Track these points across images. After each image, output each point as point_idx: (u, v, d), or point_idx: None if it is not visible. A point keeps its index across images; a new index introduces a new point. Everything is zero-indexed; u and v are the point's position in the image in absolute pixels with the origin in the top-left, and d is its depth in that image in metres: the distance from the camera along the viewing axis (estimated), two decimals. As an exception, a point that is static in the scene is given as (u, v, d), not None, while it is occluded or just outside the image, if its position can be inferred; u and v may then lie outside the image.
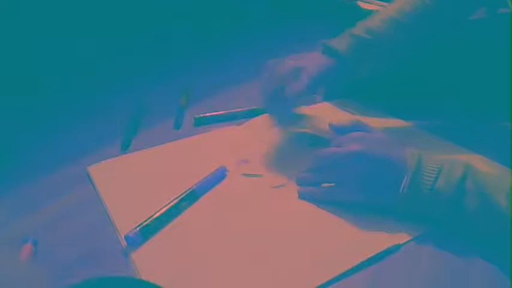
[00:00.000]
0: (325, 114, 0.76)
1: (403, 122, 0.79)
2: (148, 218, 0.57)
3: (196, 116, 0.82)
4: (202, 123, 0.81)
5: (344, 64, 0.72)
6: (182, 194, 0.61)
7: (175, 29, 1.14)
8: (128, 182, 0.66)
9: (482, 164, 0.58)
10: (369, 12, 1.05)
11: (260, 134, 0.76)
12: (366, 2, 1.06)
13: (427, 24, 0.73)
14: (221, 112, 0.83)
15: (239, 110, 0.84)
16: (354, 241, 0.55)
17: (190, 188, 0.62)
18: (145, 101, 0.87)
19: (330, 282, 0.51)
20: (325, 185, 0.61)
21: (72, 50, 0.96)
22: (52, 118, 0.82)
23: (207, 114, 0.83)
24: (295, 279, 0.51)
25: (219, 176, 0.66)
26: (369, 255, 0.53)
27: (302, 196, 0.62)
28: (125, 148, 0.74)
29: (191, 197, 0.62)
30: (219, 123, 0.81)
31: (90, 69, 0.97)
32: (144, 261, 0.53)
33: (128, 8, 1.07)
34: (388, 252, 0.54)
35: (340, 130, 0.63)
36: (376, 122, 0.73)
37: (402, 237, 0.56)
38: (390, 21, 0.73)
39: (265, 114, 0.79)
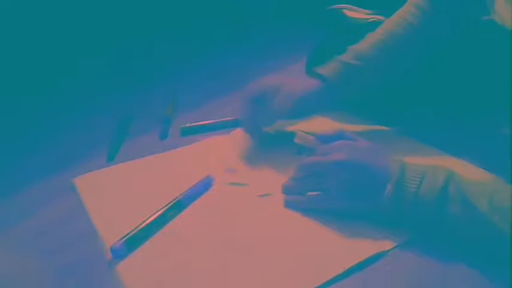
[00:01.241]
0: (309, 123, 0.77)
1: (386, 128, 0.79)
2: (134, 229, 0.57)
3: (183, 126, 0.82)
4: (188, 133, 0.82)
5: (330, 90, 0.72)
6: (168, 204, 0.61)
7: (161, 40, 1.15)
8: (114, 193, 0.66)
9: (465, 170, 0.58)
10: (354, 21, 1.06)
11: (246, 144, 0.76)
12: (351, 10, 1.08)
13: (415, 45, 0.73)
14: (207, 122, 0.84)
15: (226, 119, 0.84)
16: (339, 248, 0.56)
17: (176, 198, 0.62)
18: (131, 111, 0.87)
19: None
20: (311, 193, 0.62)
21: (57, 59, 0.95)
22: (37, 128, 0.82)
23: (194, 124, 0.83)
24: (282, 287, 0.51)
25: (205, 185, 0.66)
26: (354, 262, 0.53)
27: (288, 204, 0.63)
28: (111, 159, 0.73)
29: (177, 206, 0.62)
30: (206, 133, 0.81)
31: (75, 79, 0.97)
32: (129, 272, 0.52)
33: (112, 17, 1.07)
34: (372, 259, 0.54)
35: (324, 139, 0.64)
36: (360, 130, 0.74)
37: (387, 244, 0.56)
38: (379, 44, 0.73)
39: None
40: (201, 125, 0.83)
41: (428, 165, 0.57)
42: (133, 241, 0.56)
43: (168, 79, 1.00)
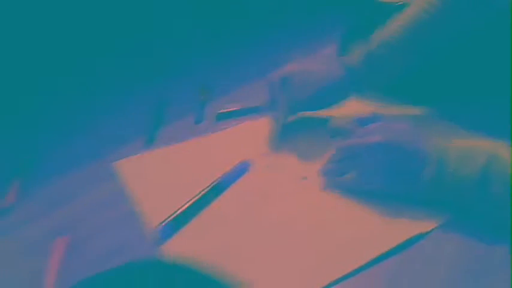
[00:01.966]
0: (343, 107, 0.76)
1: (424, 111, 0.78)
2: (176, 211, 0.58)
3: (218, 111, 0.83)
4: (223, 118, 0.82)
5: (356, 78, 0.71)
6: (207, 187, 0.63)
7: (194, 26, 1.15)
8: (154, 177, 0.67)
9: (505, 151, 0.58)
10: (383, 3, 1.04)
11: (278, 129, 0.76)
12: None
13: (443, 29, 0.71)
14: (242, 107, 0.84)
15: (260, 104, 0.85)
16: (379, 230, 0.56)
17: (215, 181, 0.64)
18: (166, 96, 0.88)
19: (354, 272, 0.51)
20: (349, 175, 0.62)
21: (93, 48, 0.97)
22: (77, 114, 0.84)
23: (228, 109, 0.84)
24: (321, 269, 0.52)
25: (242, 169, 0.67)
26: (394, 245, 0.53)
27: (325, 187, 0.63)
28: (149, 143, 0.75)
29: (216, 190, 0.63)
30: (240, 118, 0.82)
31: (111, 67, 0.98)
32: (174, 253, 0.54)
33: (145, 5, 1.08)
34: (412, 240, 0.55)
35: (360, 122, 0.64)
36: (397, 112, 0.74)
37: (426, 226, 0.56)
38: (404, 30, 0.71)
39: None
40: (236, 110, 0.84)
41: (468, 145, 0.56)
42: (177, 223, 0.57)
43: (201, 65, 1.01)
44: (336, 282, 0.50)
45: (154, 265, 0.45)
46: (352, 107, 0.76)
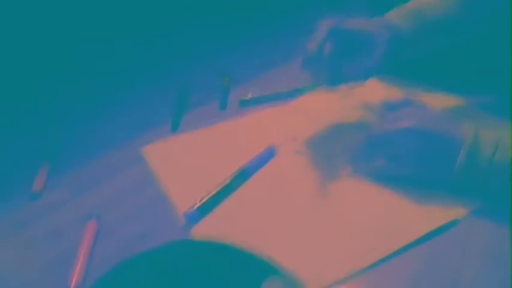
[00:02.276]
0: (374, 90, 0.75)
1: (454, 98, 0.77)
2: (205, 196, 0.58)
3: (242, 98, 0.83)
4: (247, 104, 0.82)
5: (402, 40, 0.66)
6: (234, 172, 0.62)
7: (216, 11, 1.14)
8: (181, 161, 0.67)
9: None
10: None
11: (307, 113, 0.76)
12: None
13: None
14: (265, 93, 0.84)
15: (283, 90, 0.84)
16: (410, 217, 0.56)
17: (242, 167, 0.63)
18: (190, 83, 0.88)
19: (386, 258, 0.51)
20: (380, 161, 0.61)
21: (119, 36, 0.97)
22: (105, 102, 0.84)
23: (252, 95, 0.83)
24: (350, 255, 0.51)
25: (269, 154, 0.67)
26: (427, 231, 0.53)
27: (356, 171, 0.62)
28: (175, 128, 0.75)
29: (243, 175, 0.63)
30: (264, 104, 0.82)
31: (137, 54, 0.99)
32: (203, 237, 0.54)
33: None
34: (445, 227, 0.54)
35: (391, 107, 0.63)
36: (426, 99, 0.72)
37: (459, 212, 0.55)
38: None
39: (310, 93, 0.79)
40: (260, 96, 0.83)
41: (501, 132, 0.55)
42: (205, 207, 0.57)
43: (225, 51, 1.01)
44: (367, 268, 0.50)
45: (185, 248, 0.45)
46: (379, 92, 0.75)
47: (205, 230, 0.55)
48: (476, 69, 0.75)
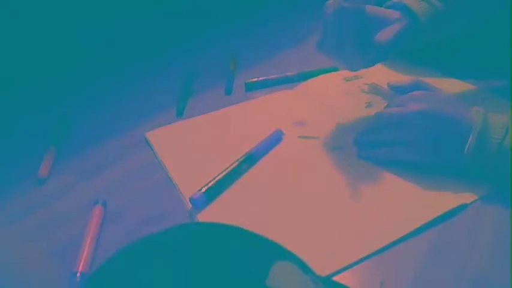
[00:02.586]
0: (382, 74, 0.74)
1: (464, 83, 0.75)
2: (211, 181, 0.58)
3: (247, 81, 0.82)
4: (253, 88, 0.81)
5: (418, 25, 0.62)
6: (241, 157, 0.62)
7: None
8: (186, 146, 0.67)
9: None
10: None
11: (314, 97, 0.75)
12: None
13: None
14: (272, 76, 0.83)
15: (289, 74, 0.83)
16: (418, 201, 0.55)
17: (248, 151, 0.63)
18: (195, 67, 0.87)
19: (394, 243, 0.50)
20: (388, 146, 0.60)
21: (124, 20, 0.96)
22: (110, 87, 0.84)
23: (258, 79, 0.82)
24: (359, 239, 0.51)
25: (276, 138, 0.66)
26: (435, 216, 0.52)
27: (361, 156, 0.62)
28: (180, 114, 0.74)
29: (250, 159, 0.62)
30: (270, 88, 0.81)
31: (143, 39, 0.98)
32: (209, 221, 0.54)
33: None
34: (453, 212, 0.53)
35: (400, 90, 0.62)
36: (436, 83, 0.71)
37: (468, 197, 0.55)
38: None
39: (317, 77, 0.78)
40: (265, 79, 0.82)
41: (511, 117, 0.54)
42: (212, 192, 0.57)
43: (231, 35, 1.00)
44: (376, 252, 0.50)
45: (193, 231, 0.44)
46: (389, 75, 0.74)
47: (212, 215, 0.55)
48: (486, 53, 0.74)
